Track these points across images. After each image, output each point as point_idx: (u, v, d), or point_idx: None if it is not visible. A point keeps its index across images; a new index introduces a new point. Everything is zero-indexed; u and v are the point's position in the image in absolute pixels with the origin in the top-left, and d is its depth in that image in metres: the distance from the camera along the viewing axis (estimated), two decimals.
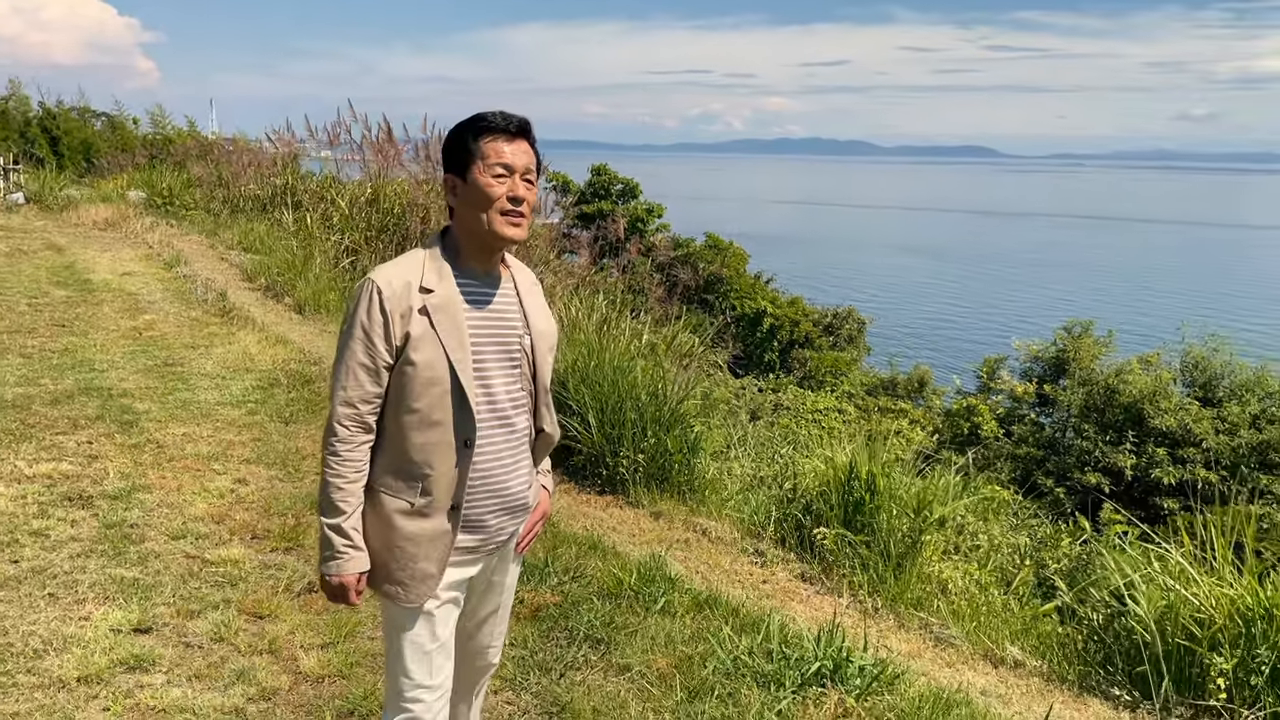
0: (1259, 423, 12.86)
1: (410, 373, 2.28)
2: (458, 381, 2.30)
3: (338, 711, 3.46)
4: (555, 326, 2.57)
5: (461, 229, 2.40)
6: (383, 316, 2.27)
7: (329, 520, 2.32)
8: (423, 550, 2.36)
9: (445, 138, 2.43)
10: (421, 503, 2.34)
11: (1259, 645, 4.00)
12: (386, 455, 2.36)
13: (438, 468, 2.33)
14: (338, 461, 2.31)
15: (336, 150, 15.53)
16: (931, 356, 29.14)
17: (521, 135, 2.38)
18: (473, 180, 2.33)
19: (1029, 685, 4.29)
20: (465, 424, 2.33)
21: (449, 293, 2.33)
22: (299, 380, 7.75)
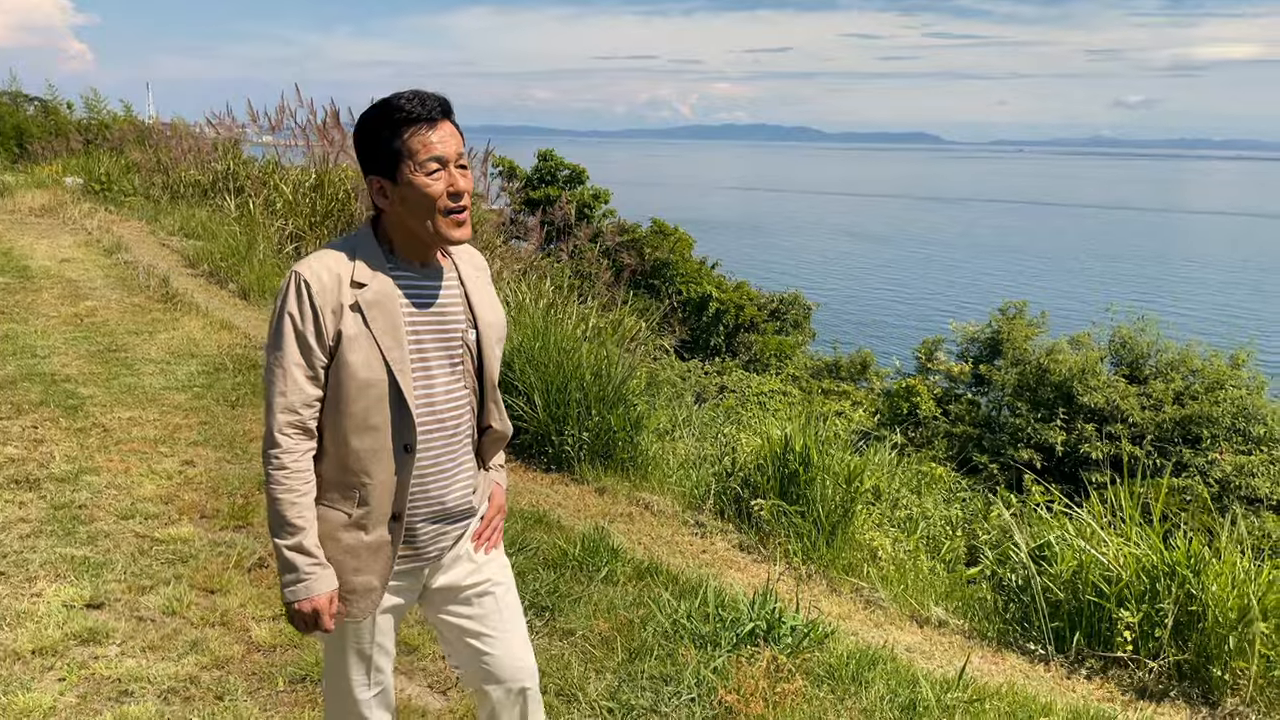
0: (1182, 399, 13.39)
1: (344, 375, 2.12)
2: (395, 383, 2.14)
3: (290, 677, 3.58)
4: (503, 316, 2.39)
5: (397, 229, 2.20)
6: (313, 312, 2.08)
7: (287, 540, 2.14)
8: (364, 563, 2.22)
9: (357, 133, 2.18)
10: (359, 513, 2.20)
11: (1162, 600, 4.27)
12: (321, 463, 2.20)
13: (376, 475, 2.18)
14: (285, 475, 2.12)
15: (279, 135, 15.41)
16: (874, 339, 29.63)
17: (444, 117, 2.16)
18: (405, 181, 2.12)
19: (951, 642, 4.54)
20: (405, 428, 2.17)
21: (383, 287, 2.15)
22: (245, 365, 7.79)
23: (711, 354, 25.07)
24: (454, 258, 2.33)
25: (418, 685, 3.62)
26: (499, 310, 2.38)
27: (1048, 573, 4.60)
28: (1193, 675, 4.18)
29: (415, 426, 2.18)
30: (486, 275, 2.40)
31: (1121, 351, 14.45)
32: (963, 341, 15.94)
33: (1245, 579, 4.24)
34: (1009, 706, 3.74)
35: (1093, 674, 4.30)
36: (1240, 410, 13.28)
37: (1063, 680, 4.26)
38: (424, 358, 2.20)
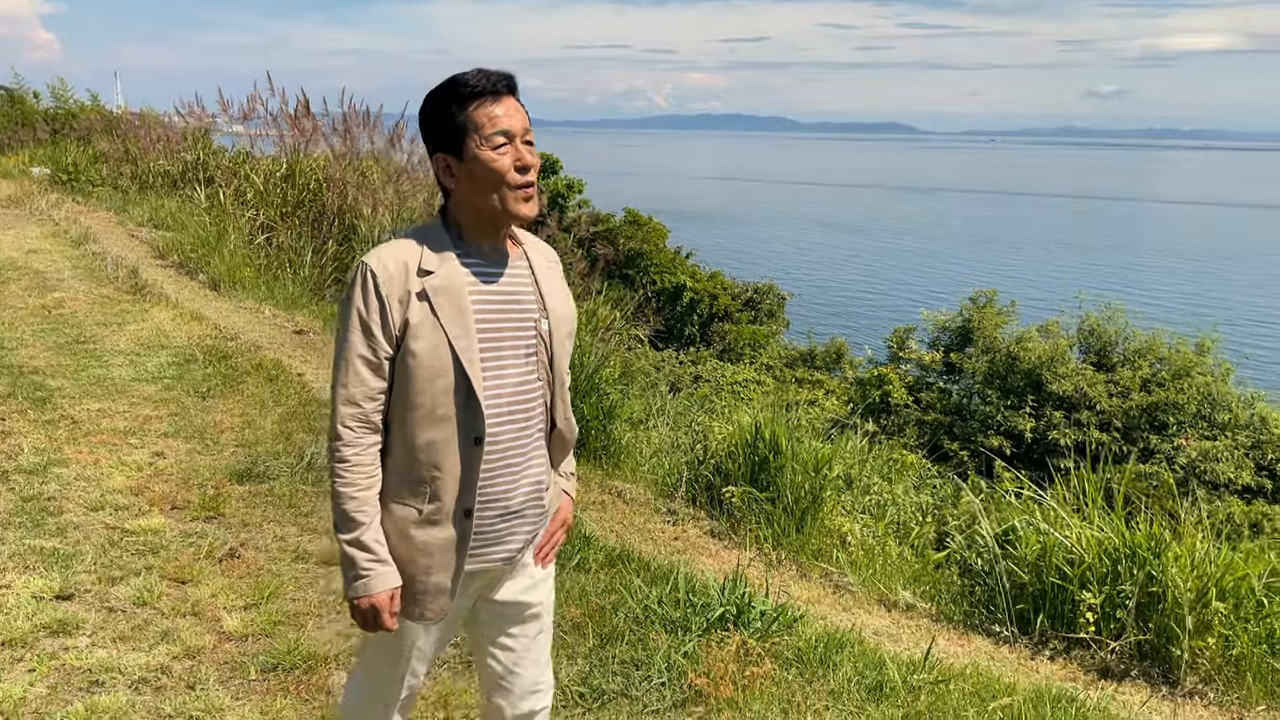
0: (1149, 386, 13.58)
1: (411, 365, 2.06)
2: (463, 372, 2.08)
3: (261, 666, 3.60)
4: (574, 309, 2.32)
5: (463, 209, 2.15)
6: (379, 302, 2.04)
7: (347, 535, 2.09)
8: (436, 561, 2.16)
9: (423, 112, 2.14)
10: (430, 509, 2.13)
11: (1124, 581, 4.37)
12: (390, 458, 2.15)
13: (445, 468, 2.11)
14: (347, 468, 2.09)
15: (250, 124, 15.27)
16: (847, 329, 29.79)
17: (509, 92, 2.12)
18: (472, 157, 2.08)
19: (918, 625, 4.61)
20: (473, 419, 2.11)
21: (451, 274, 2.10)
22: (216, 356, 7.75)
23: (686, 344, 25.14)
24: (525, 246, 2.26)
25: None
26: (570, 303, 2.31)
27: (1013, 556, 4.69)
28: (1153, 655, 4.27)
29: (484, 417, 2.11)
30: (558, 268, 2.33)
31: (1090, 339, 14.64)
32: (934, 330, 16.10)
33: (1204, 561, 4.34)
34: (973, 687, 3.81)
35: (1056, 655, 4.38)
36: (1205, 397, 13.49)
37: (1027, 661, 4.34)
38: (495, 346, 2.14)
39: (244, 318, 9.35)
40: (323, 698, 3.41)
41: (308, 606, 4.07)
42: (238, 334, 8.53)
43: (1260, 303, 43.17)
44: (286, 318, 9.45)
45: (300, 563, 4.46)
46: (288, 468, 5.52)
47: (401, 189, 12.44)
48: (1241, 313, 38.93)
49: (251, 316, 9.44)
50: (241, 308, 9.77)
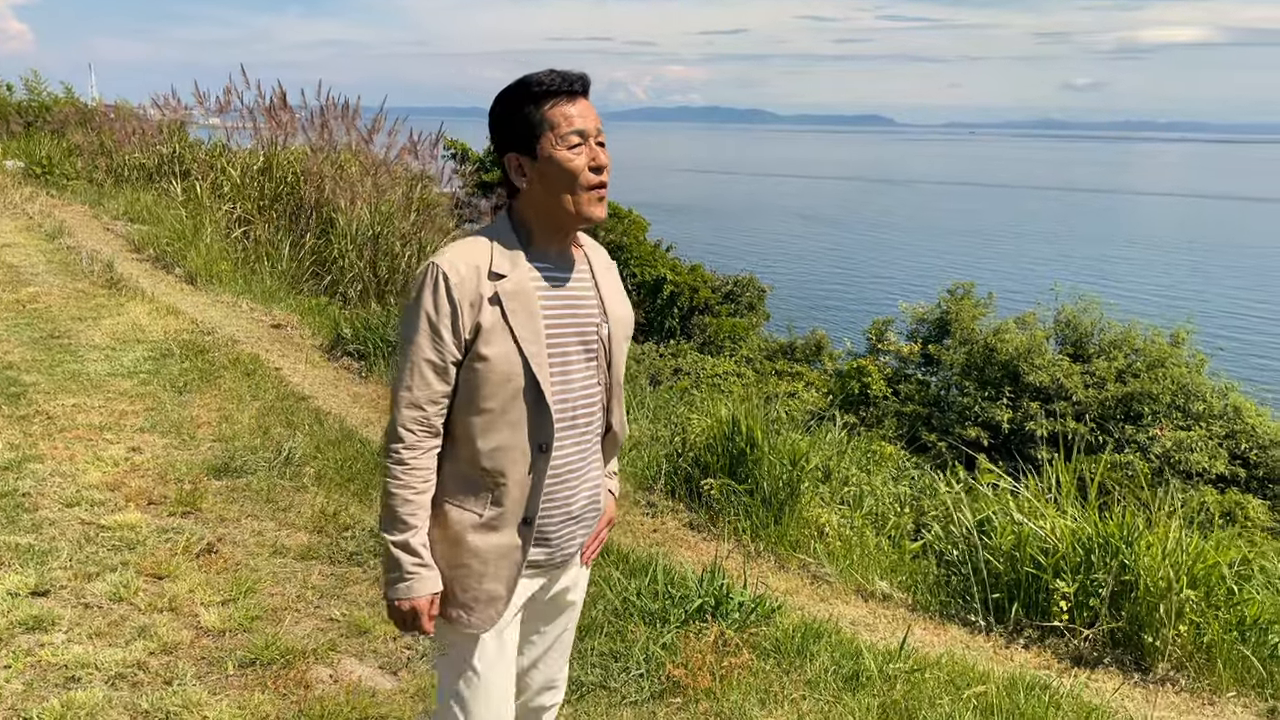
0: (1124, 377, 13.68)
1: (481, 369, 2.03)
2: (533, 378, 2.05)
3: (239, 661, 3.59)
4: (631, 312, 2.31)
5: (534, 210, 2.12)
6: (450, 306, 2.00)
7: (395, 537, 2.07)
8: (490, 568, 2.13)
9: (495, 111, 2.12)
10: (491, 514, 2.11)
11: (1097, 570, 4.42)
12: (452, 462, 2.12)
13: (510, 475, 2.09)
14: (404, 470, 2.06)
15: (226, 117, 15.17)
16: (827, 321, 29.90)
17: (583, 93, 2.11)
18: (546, 156, 2.05)
19: (895, 615, 4.65)
20: (542, 426, 2.09)
21: (522, 278, 2.07)
22: (192, 350, 7.71)
23: (666, 336, 25.14)
24: (585, 249, 2.25)
25: (369, 666, 3.65)
26: (628, 305, 2.30)
27: (988, 546, 4.73)
28: (1125, 642, 4.32)
29: (553, 424, 2.10)
30: (615, 270, 2.32)
31: (1066, 331, 14.73)
32: (912, 322, 16.14)
33: (1176, 549, 4.40)
34: (948, 675, 3.85)
35: (1030, 643, 4.43)
36: (1180, 388, 13.60)
37: (1001, 649, 4.39)
38: (562, 351, 2.12)
39: (221, 312, 9.30)
40: (301, 692, 3.41)
41: (286, 601, 4.07)
42: (214, 328, 8.49)
43: (1234, 294, 43.60)
44: (264, 311, 9.41)
45: (278, 557, 4.45)
46: (265, 462, 5.51)
47: (380, 182, 12.39)
48: (1216, 304, 39.30)
49: (228, 310, 9.39)
50: (218, 302, 9.72)
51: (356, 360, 7.88)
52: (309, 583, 4.24)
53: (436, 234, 11.80)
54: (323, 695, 3.40)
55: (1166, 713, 3.91)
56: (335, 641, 3.77)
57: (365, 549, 4.54)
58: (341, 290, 11.01)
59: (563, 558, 2.26)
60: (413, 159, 13.13)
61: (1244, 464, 13.19)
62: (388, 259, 11.30)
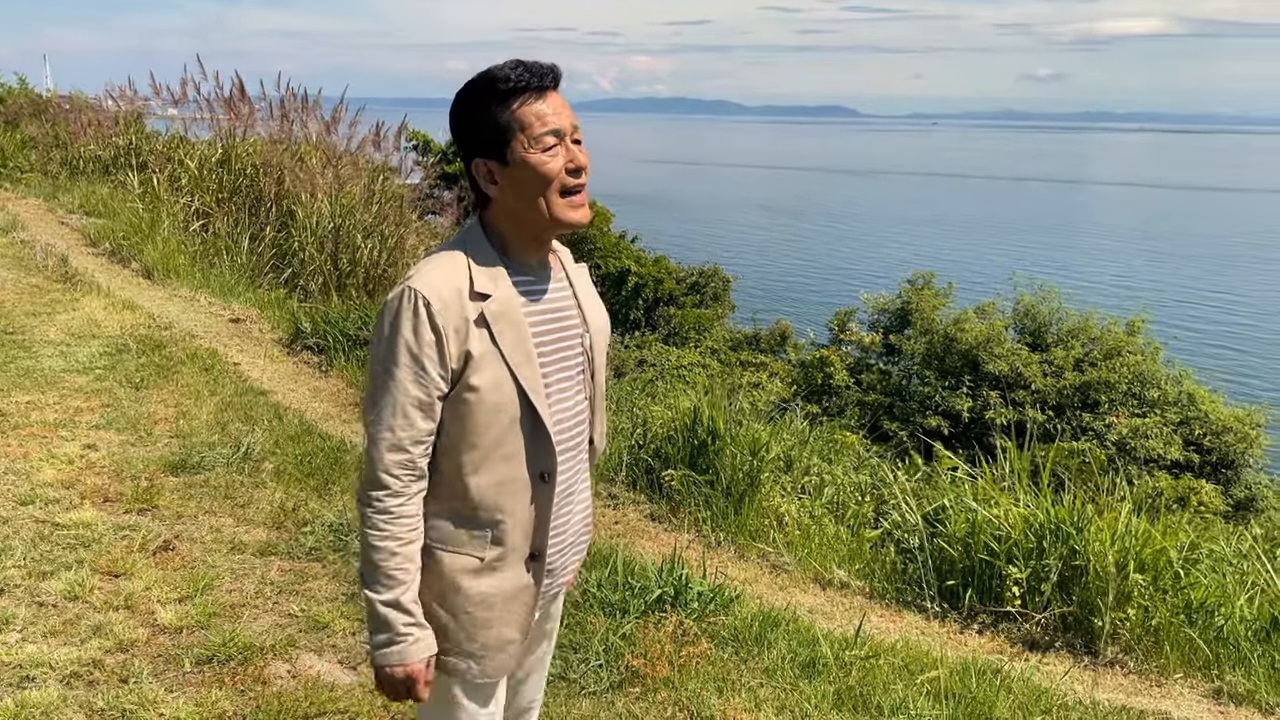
0: (1082, 365, 13.93)
1: (471, 401, 1.86)
2: (529, 405, 1.90)
3: (196, 659, 3.58)
4: (608, 317, 2.16)
5: (508, 220, 1.94)
6: (434, 334, 1.82)
7: (384, 595, 1.87)
8: (498, 613, 1.96)
9: (457, 113, 1.93)
10: (493, 555, 1.94)
11: (1048, 556, 4.51)
12: (442, 503, 1.93)
13: (512, 511, 1.93)
14: (389, 520, 1.85)
15: (183, 108, 14.97)
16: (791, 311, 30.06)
17: (554, 87, 1.92)
18: (518, 161, 1.87)
19: (852, 603, 4.71)
20: (542, 454, 1.94)
21: (506, 295, 1.90)
22: (149, 345, 7.63)
23: (631, 328, 25.18)
24: (559, 254, 2.09)
25: (328, 661, 3.65)
26: (605, 311, 2.15)
27: (943, 534, 4.81)
28: (1076, 626, 4.42)
29: (554, 450, 1.94)
30: (586, 273, 2.17)
31: (1025, 320, 14.98)
32: (874, 312, 16.35)
33: (1125, 534, 4.50)
34: (903, 661, 3.92)
35: (984, 628, 4.52)
36: (1136, 375, 13.86)
37: (956, 635, 4.47)
38: (554, 371, 1.97)
39: (178, 306, 9.20)
40: (259, 688, 3.41)
41: (244, 598, 4.06)
42: (172, 323, 8.40)
43: (1189, 283, 44.34)
44: (222, 306, 9.32)
45: (236, 554, 4.44)
46: (224, 458, 5.48)
47: (341, 174, 12.30)
48: (1171, 293, 39.96)
49: (186, 305, 9.29)
50: (176, 296, 9.62)
51: (316, 354, 7.83)
52: (267, 579, 4.22)
53: (398, 227, 11.73)
54: (281, 691, 3.40)
55: (1114, 694, 4.00)
56: (294, 637, 3.77)
57: (324, 544, 4.54)
58: (302, 284, 10.92)
59: (559, 586, 2.14)
60: (375, 151, 13.04)
61: (1197, 450, 13.47)
62: (349, 252, 11.22)
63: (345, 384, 7.24)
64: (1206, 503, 12.20)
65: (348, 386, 7.18)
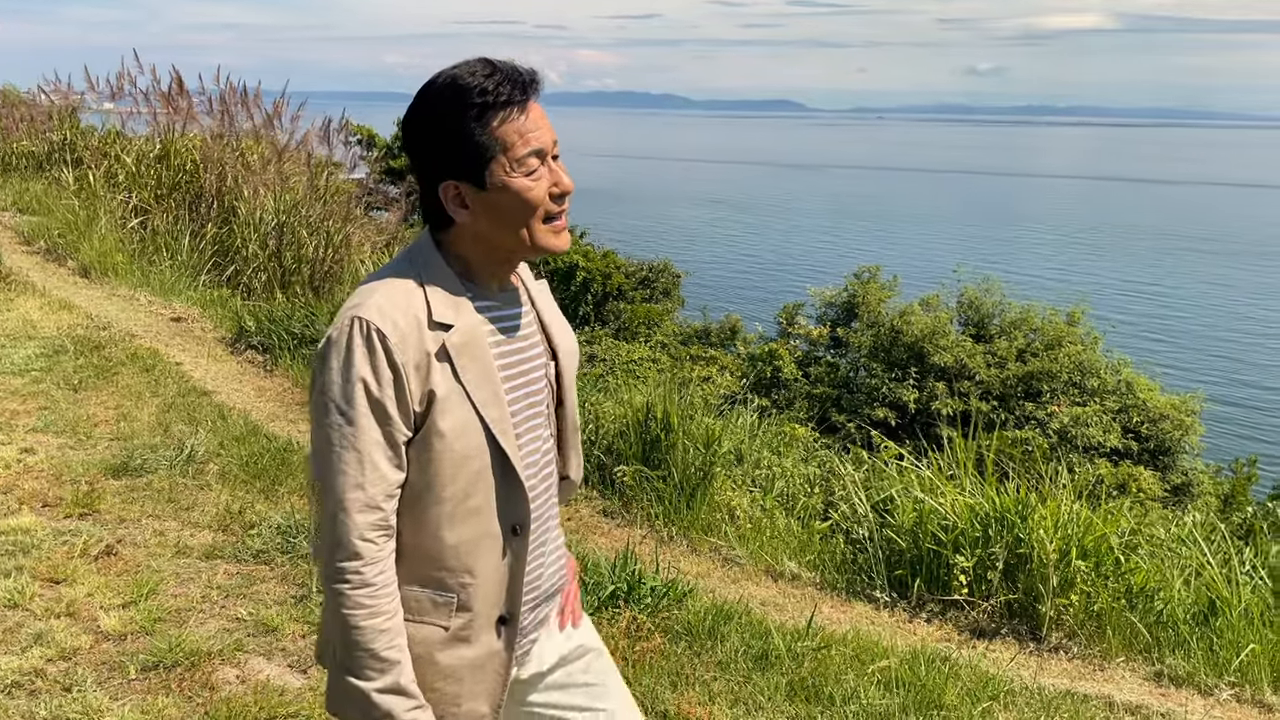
0: (1024, 356, 14.20)
1: (438, 447, 1.62)
2: (499, 450, 1.67)
3: (141, 665, 3.51)
4: (575, 340, 1.94)
5: (475, 245, 1.71)
6: (392, 371, 1.58)
7: (379, 683, 1.61)
8: (466, 686, 1.72)
9: (417, 127, 1.67)
10: (459, 623, 1.70)
11: (994, 544, 4.59)
12: (405, 565, 1.68)
13: (479, 571, 1.69)
14: (370, 594, 1.60)
15: (120, 103, 14.64)
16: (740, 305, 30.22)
17: (534, 95, 1.68)
18: (499, 185, 1.64)
19: (803, 594, 4.76)
20: (514, 504, 1.71)
21: (470, 325, 1.67)
22: (87, 346, 7.46)
23: (581, 323, 25.14)
24: (518, 273, 1.85)
25: (277, 665, 3.60)
26: (572, 333, 1.92)
27: (891, 525, 4.87)
28: (1021, 613, 4.50)
29: (527, 500, 1.72)
30: (547, 290, 1.94)
31: (968, 312, 15.23)
32: (821, 306, 16.51)
33: (1068, 522, 4.59)
34: (853, 651, 3.97)
35: (932, 617, 4.59)
36: (1076, 365, 14.16)
37: (905, 624, 4.53)
38: (523, 409, 1.75)
39: (117, 305, 9.00)
40: (206, 694, 3.36)
41: (190, 602, 3.99)
42: (110, 323, 8.22)
43: (1127, 273, 45.36)
44: (163, 304, 9.14)
45: (181, 558, 4.36)
46: (166, 460, 5.38)
47: (284, 169, 12.12)
48: (1109, 283, 40.85)
49: (125, 304, 9.10)
50: (114, 295, 9.41)
51: (261, 353, 7.72)
52: (214, 582, 4.16)
53: (343, 223, 11.59)
54: (229, 696, 3.35)
55: (1059, 679, 4.09)
56: (242, 641, 3.71)
57: (272, 547, 4.47)
58: (245, 281, 10.75)
59: (529, 644, 1.88)
60: (320, 145, 12.88)
61: (1136, 437, 13.80)
62: (294, 248, 11.07)
63: (291, 383, 7.14)
64: (1145, 489, 12.51)
65: (293, 386, 7.08)
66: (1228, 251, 55.02)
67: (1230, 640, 4.28)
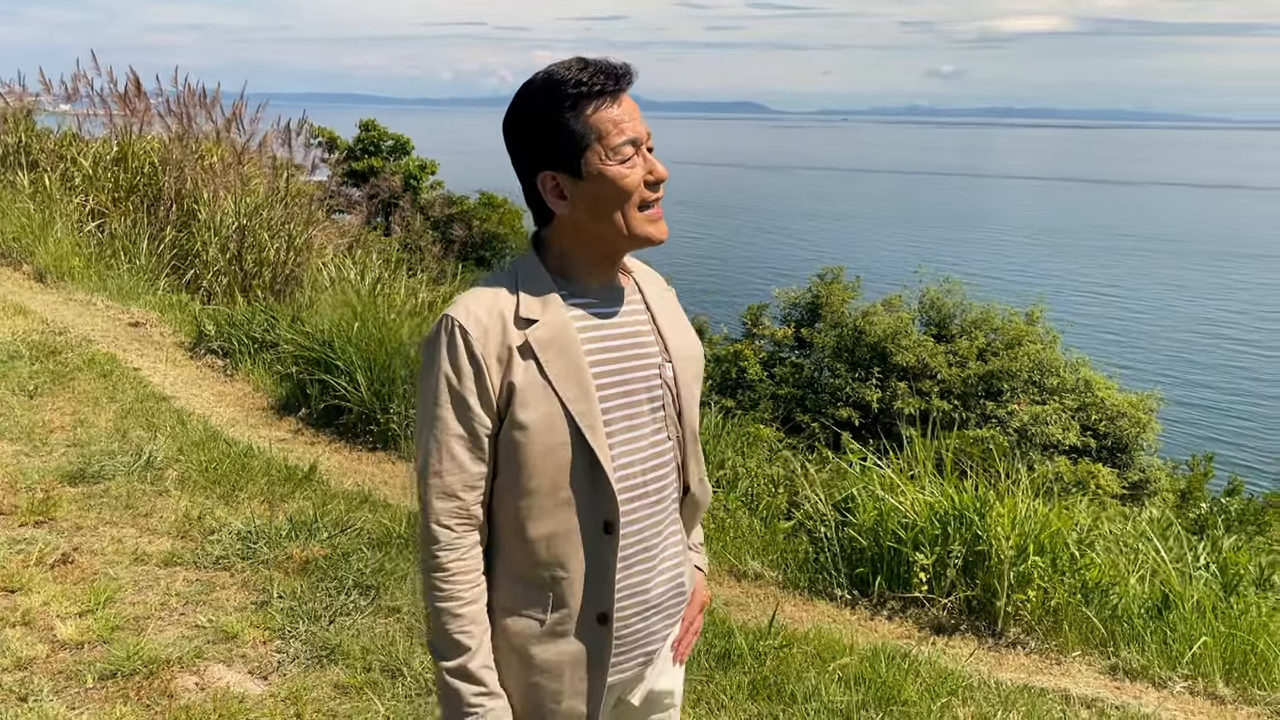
0: (985, 355, 14.37)
1: (520, 440, 1.67)
2: (584, 444, 1.69)
3: (99, 674, 3.48)
4: (700, 347, 1.93)
5: (575, 237, 1.75)
6: (473, 367, 1.65)
7: (450, 663, 1.69)
8: (567, 684, 1.76)
9: (515, 121, 1.73)
10: (555, 618, 1.74)
11: (953, 542, 4.65)
12: (499, 559, 1.75)
13: (570, 566, 1.72)
14: (446, 578, 1.68)
15: (77, 105, 14.43)
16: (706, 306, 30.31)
17: (626, 86, 1.73)
18: (595, 173, 1.69)
19: (766, 594, 4.79)
20: (601, 501, 1.72)
21: (557, 320, 1.71)
22: (43, 351, 7.35)
23: None
24: (635, 275, 1.88)
25: (237, 672, 3.58)
26: (695, 339, 1.92)
27: (852, 523, 4.92)
28: (980, 609, 4.56)
29: (615, 496, 1.72)
30: (673, 297, 1.95)
31: (930, 312, 15.40)
32: (785, 306, 16.62)
33: (1024, 519, 4.66)
34: (815, 649, 4.01)
35: (893, 614, 4.64)
36: (1036, 364, 14.36)
37: (866, 621, 4.58)
38: (620, 406, 1.75)
39: (74, 310, 8.88)
40: (165, 702, 3.33)
41: (148, 610, 3.95)
42: (67, 328, 8.11)
43: (1085, 273, 45.98)
44: (121, 309, 9.02)
45: (139, 565, 4.31)
46: (124, 467, 5.31)
47: (244, 172, 12.00)
48: (1067, 283, 41.41)
49: (82, 309, 8.98)
50: (71, 300, 9.28)
51: (221, 358, 7.64)
52: (173, 590, 4.12)
53: (305, 227, 11.50)
54: (189, 704, 3.33)
55: (1016, 674, 4.15)
56: (201, 648, 3.68)
57: (232, 553, 4.44)
58: (205, 285, 10.63)
59: (644, 656, 1.87)
60: (281, 147, 12.77)
61: (1094, 435, 14.01)
62: (254, 251, 10.97)
63: (251, 388, 7.08)
64: (1104, 486, 12.70)
65: (254, 390, 7.03)
66: (1182, 252, 56.00)
67: (1183, 633, 4.37)
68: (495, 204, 27.41)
